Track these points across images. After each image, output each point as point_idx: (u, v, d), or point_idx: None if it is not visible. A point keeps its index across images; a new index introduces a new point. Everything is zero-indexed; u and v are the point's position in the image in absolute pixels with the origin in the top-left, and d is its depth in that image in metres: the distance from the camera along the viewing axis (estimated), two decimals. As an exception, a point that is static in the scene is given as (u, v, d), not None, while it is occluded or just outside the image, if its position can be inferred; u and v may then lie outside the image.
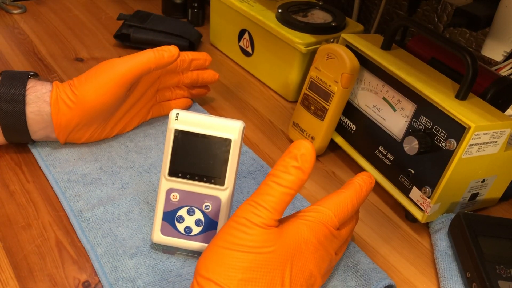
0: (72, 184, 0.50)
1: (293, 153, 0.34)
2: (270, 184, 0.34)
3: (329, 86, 0.55)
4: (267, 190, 0.34)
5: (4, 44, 0.75)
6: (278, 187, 0.34)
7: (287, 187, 0.34)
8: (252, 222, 0.33)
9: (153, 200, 0.50)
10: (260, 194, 0.34)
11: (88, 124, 0.52)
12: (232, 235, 0.33)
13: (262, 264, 0.33)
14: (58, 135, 0.52)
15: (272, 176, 0.34)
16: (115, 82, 0.49)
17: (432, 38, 0.50)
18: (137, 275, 0.42)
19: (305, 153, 0.34)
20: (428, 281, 0.46)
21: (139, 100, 0.57)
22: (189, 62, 0.59)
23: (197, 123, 0.41)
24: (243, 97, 0.70)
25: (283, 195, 0.34)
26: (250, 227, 0.33)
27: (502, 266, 0.42)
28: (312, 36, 0.65)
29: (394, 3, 0.78)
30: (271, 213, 0.34)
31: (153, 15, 0.80)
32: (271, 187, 0.34)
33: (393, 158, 0.52)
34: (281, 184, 0.34)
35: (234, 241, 0.33)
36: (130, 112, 0.57)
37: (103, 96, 0.50)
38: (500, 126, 0.45)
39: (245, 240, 0.33)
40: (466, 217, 0.47)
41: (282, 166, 0.34)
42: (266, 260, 0.33)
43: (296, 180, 0.34)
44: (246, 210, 0.34)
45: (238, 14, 0.72)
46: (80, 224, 0.46)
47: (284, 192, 0.34)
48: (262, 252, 0.33)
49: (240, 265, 0.32)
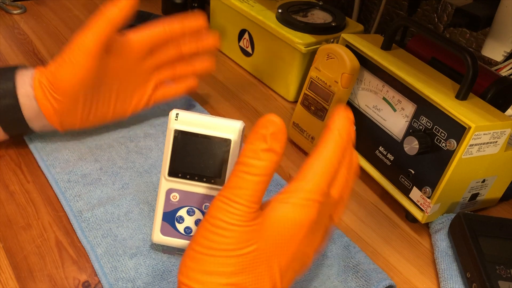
0: (72, 184, 0.50)
1: (260, 134, 0.30)
2: (240, 175, 0.30)
3: (329, 86, 0.55)
4: (239, 182, 0.30)
5: (4, 44, 0.75)
6: (250, 177, 0.30)
7: (260, 175, 0.30)
8: (228, 222, 0.30)
9: (153, 200, 0.50)
10: (232, 188, 0.30)
11: (74, 104, 0.50)
12: (208, 239, 0.30)
13: (246, 264, 0.30)
14: (50, 120, 0.50)
15: (242, 165, 0.30)
16: (84, 54, 0.48)
17: (432, 38, 0.50)
18: (137, 275, 0.42)
19: (274, 131, 0.30)
20: (428, 281, 0.46)
21: (129, 75, 0.53)
22: (181, 30, 0.55)
23: (197, 123, 0.41)
24: (243, 97, 0.70)
25: (257, 184, 0.30)
26: (226, 229, 0.30)
27: (502, 266, 0.42)
28: (312, 36, 0.65)
29: (394, 3, 0.78)
30: (247, 207, 0.30)
31: (153, 15, 0.80)
32: (242, 178, 0.30)
33: (393, 158, 0.52)
34: (252, 173, 0.30)
35: (212, 246, 0.30)
36: (123, 89, 0.53)
37: (78, 73, 0.48)
38: (500, 126, 0.45)
39: (223, 243, 0.30)
40: (466, 217, 0.47)
41: (251, 151, 0.30)
42: (249, 259, 0.30)
43: (269, 164, 0.30)
44: (220, 208, 0.30)
45: (238, 14, 0.72)
46: (80, 224, 0.46)
47: (258, 181, 0.30)
48: (244, 253, 0.30)
49: (222, 271, 0.30)
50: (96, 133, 0.58)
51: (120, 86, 0.54)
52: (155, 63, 0.56)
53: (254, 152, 0.30)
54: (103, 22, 0.47)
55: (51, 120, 0.51)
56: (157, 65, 0.56)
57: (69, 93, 0.49)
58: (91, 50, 0.48)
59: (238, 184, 0.30)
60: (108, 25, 0.48)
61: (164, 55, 0.56)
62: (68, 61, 0.48)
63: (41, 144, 0.55)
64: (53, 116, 0.50)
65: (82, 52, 0.48)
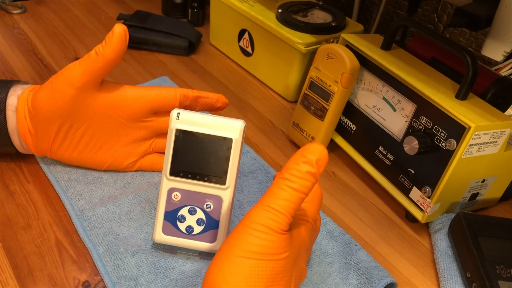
0: (73, 183, 0.50)
1: (308, 159, 0.33)
2: (285, 188, 0.33)
3: (329, 86, 0.55)
4: (283, 194, 0.33)
5: (4, 44, 0.75)
6: (294, 192, 0.33)
7: (302, 193, 0.33)
8: (271, 228, 0.32)
9: (155, 200, 0.50)
10: (275, 198, 0.33)
11: (48, 130, 0.48)
12: (250, 243, 0.32)
13: (280, 270, 0.33)
14: (24, 138, 0.49)
15: (287, 181, 0.33)
16: (66, 82, 0.46)
17: (432, 38, 0.50)
18: (139, 273, 0.42)
19: (320, 158, 0.33)
20: (428, 281, 0.46)
21: (121, 128, 0.50)
22: (194, 99, 0.51)
23: (198, 123, 0.41)
24: (243, 97, 0.70)
25: (299, 199, 0.33)
26: (269, 234, 0.32)
27: (502, 266, 0.42)
28: (312, 36, 0.65)
29: (394, 3, 0.78)
30: (287, 218, 0.33)
31: (153, 15, 0.80)
32: (287, 191, 0.33)
33: (393, 158, 0.52)
34: (297, 189, 0.33)
35: (254, 250, 0.32)
36: (111, 139, 0.50)
37: (55, 99, 0.46)
38: (500, 126, 0.45)
39: (266, 247, 0.32)
40: (466, 217, 0.47)
41: (297, 171, 0.33)
42: (282, 265, 0.33)
43: (311, 185, 0.34)
44: (262, 215, 0.33)
45: (238, 14, 0.72)
46: (82, 223, 0.46)
47: (300, 197, 0.33)
48: (280, 259, 0.33)
49: (262, 274, 0.32)
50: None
51: (109, 135, 0.50)
52: (154, 128, 0.51)
53: (300, 172, 0.33)
54: (93, 56, 0.46)
55: (25, 139, 0.49)
56: (156, 130, 0.51)
57: (42, 117, 0.47)
58: (73, 80, 0.46)
59: (281, 195, 0.33)
60: (98, 60, 0.46)
61: (164, 126, 0.51)
62: (49, 85, 0.47)
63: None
64: (27, 135, 0.48)
65: (64, 80, 0.47)
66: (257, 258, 0.32)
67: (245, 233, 0.32)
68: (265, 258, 0.32)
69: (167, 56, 0.77)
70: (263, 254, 0.32)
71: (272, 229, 0.32)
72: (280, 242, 0.33)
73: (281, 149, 0.61)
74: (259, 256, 0.32)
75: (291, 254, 0.34)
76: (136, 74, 0.72)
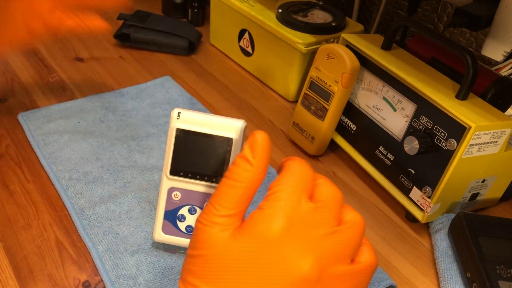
0: (73, 182, 0.50)
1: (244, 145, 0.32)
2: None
3: (329, 86, 0.55)
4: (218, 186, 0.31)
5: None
6: (224, 179, 0.31)
7: (230, 178, 0.31)
8: (198, 220, 0.31)
9: (155, 199, 0.50)
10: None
11: None
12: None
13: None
14: None
15: None
16: None
17: (432, 38, 0.50)
18: (139, 273, 0.42)
19: (252, 141, 0.31)
20: (428, 281, 0.46)
21: None
22: None
23: (199, 122, 0.41)
24: (243, 97, 0.70)
25: (228, 187, 0.31)
26: (196, 226, 0.32)
27: (502, 266, 0.42)
28: (312, 36, 0.65)
29: (394, 3, 0.78)
30: (214, 208, 0.31)
31: (153, 15, 0.80)
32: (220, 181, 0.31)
33: (393, 158, 0.52)
34: (226, 175, 0.31)
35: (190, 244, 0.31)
36: None
37: None
38: (500, 126, 0.45)
39: (191, 240, 0.32)
40: (466, 217, 0.47)
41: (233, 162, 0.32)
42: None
43: (239, 170, 0.31)
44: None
45: (238, 14, 0.72)
46: (82, 222, 0.46)
47: (229, 184, 0.31)
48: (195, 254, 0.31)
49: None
50: (98, 132, 0.58)
51: None
52: None
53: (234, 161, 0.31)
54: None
55: None
56: None
57: None
58: None
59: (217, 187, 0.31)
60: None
61: None
62: None
63: (43, 142, 0.55)
64: None
65: None
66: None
67: None
68: (189, 254, 0.30)
69: (167, 56, 0.77)
70: (190, 247, 0.30)
71: (199, 222, 0.30)
72: (199, 235, 0.30)
73: (281, 149, 0.61)
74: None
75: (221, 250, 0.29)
76: (136, 74, 0.72)
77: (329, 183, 0.32)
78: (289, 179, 0.30)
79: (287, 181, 0.30)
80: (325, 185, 0.32)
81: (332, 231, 0.30)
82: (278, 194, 0.30)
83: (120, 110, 0.62)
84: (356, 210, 0.32)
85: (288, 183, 0.30)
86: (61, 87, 0.67)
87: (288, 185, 0.30)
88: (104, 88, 0.67)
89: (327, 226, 0.30)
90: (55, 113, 0.60)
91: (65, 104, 0.62)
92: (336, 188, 0.32)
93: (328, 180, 0.33)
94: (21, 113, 0.60)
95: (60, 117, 0.59)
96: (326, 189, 0.31)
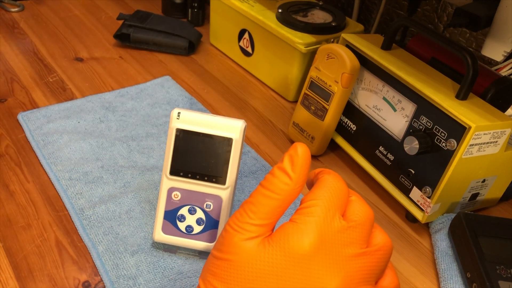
0: (73, 182, 0.50)
1: (284, 155, 0.31)
2: (256, 188, 0.31)
3: (329, 86, 0.55)
4: (252, 194, 0.31)
5: (4, 44, 0.75)
6: (259, 188, 0.31)
7: (267, 189, 0.31)
8: (229, 224, 0.31)
9: (155, 199, 0.50)
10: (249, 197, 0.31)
11: None
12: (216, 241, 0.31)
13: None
14: None
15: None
16: None
17: (432, 38, 0.50)
18: (138, 273, 0.42)
19: (292, 153, 0.31)
20: (428, 281, 0.46)
21: None
22: None
23: (199, 122, 0.41)
24: (243, 97, 0.70)
25: (264, 197, 0.31)
26: (225, 229, 0.31)
27: (502, 266, 0.42)
28: (312, 36, 0.65)
29: (394, 3, 0.78)
30: (249, 217, 0.31)
31: (153, 15, 0.80)
32: (255, 190, 0.31)
33: (393, 158, 0.52)
34: (262, 184, 0.31)
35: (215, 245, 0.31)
36: None
37: None
38: (500, 126, 0.45)
39: (217, 243, 0.31)
40: (466, 217, 0.47)
41: (270, 172, 0.31)
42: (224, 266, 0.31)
43: (277, 181, 0.30)
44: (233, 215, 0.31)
45: (238, 14, 0.72)
46: (82, 222, 0.46)
47: (265, 194, 0.31)
48: (223, 258, 0.31)
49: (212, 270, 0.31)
50: (98, 132, 0.58)
51: None
52: None
53: (271, 171, 0.31)
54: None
55: None
56: None
57: None
58: None
59: (251, 195, 0.31)
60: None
61: None
62: None
63: (43, 142, 0.55)
64: None
65: None
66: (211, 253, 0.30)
67: None
68: (215, 255, 0.30)
69: (167, 56, 0.77)
70: (216, 249, 0.30)
71: (229, 225, 0.30)
72: (228, 239, 0.29)
73: (281, 149, 0.61)
74: (213, 251, 0.30)
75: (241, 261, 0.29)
76: (136, 74, 0.72)
77: (362, 202, 0.32)
78: (324, 194, 0.30)
79: (322, 196, 0.30)
80: (358, 203, 0.31)
81: (362, 253, 0.30)
82: (312, 209, 0.29)
83: (120, 110, 0.62)
84: (385, 232, 0.32)
85: (323, 198, 0.30)
86: (61, 87, 0.67)
87: (323, 200, 0.30)
88: (104, 88, 0.67)
89: (357, 246, 0.30)
90: (55, 113, 0.60)
91: (65, 104, 0.62)
92: (368, 207, 0.32)
93: (360, 197, 0.32)
94: (21, 113, 0.60)
95: (60, 117, 0.59)
96: (359, 208, 0.31)
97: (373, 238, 0.31)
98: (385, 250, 0.31)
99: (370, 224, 0.31)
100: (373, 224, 0.32)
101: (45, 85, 0.67)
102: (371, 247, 0.30)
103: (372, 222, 0.32)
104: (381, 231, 0.32)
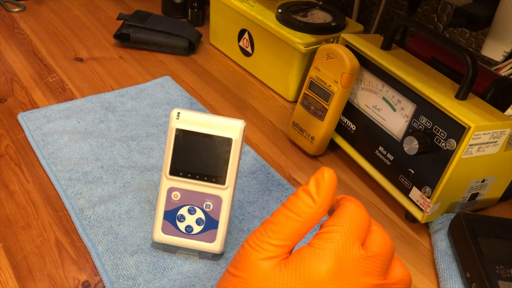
0: (73, 182, 0.50)
1: (310, 179, 0.31)
2: (279, 208, 0.31)
3: (329, 86, 0.55)
4: (274, 214, 0.31)
5: (4, 44, 0.75)
6: (282, 208, 0.31)
7: (291, 210, 0.30)
8: (247, 241, 0.31)
9: (154, 199, 0.50)
10: (270, 217, 0.31)
11: None
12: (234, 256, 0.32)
13: None
14: None
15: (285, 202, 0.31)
16: None
17: (432, 38, 0.50)
18: (138, 273, 0.42)
19: (319, 177, 0.30)
20: (428, 281, 0.46)
21: None
22: None
23: (198, 122, 0.41)
24: (243, 97, 0.70)
25: (287, 218, 0.31)
26: (242, 246, 0.31)
27: (502, 266, 0.42)
28: (312, 36, 0.65)
29: (394, 3, 0.78)
30: (268, 236, 0.31)
31: (153, 15, 0.80)
32: (278, 210, 0.31)
33: (393, 158, 0.52)
34: (286, 206, 0.31)
35: (231, 263, 0.31)
36: None
37: None
38: (500, 126, 0.45)
39: (234, 259, 0.31)
40: (466, 217, 0.47)
41: (294, 193, 0.31)
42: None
43: (302, 204, 0.30)
44: (252, 233, 0.31)
45: (238, 14, 0.72)
46: (81, 222, 0.46)
47: (288, 216, 0.31)
48: (237, 275, 0.31)
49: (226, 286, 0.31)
50: (98, 132, 0.58)
51: None
52: None
53: (296, 192, 0.30)
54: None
55: None
56: None
57: None
58: None
59: (273, 214, 0.30)
60: None
61: None
62: None
63: (43, 142, 0.55)
64: None
65: None
66: (228, 270, 0.30)
67: None
68: (230, 271, 0.30)
69: (167, 56, 0.77)
70: (231, 265, 0.30)
71: (248, 243, 0.30)
72: (245, 257, 0.29)
73: (281, 149, 0.61)
74: (229, 269, 0.30)
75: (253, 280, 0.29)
76: (136, 74, 0.72)
77: (383, 232, 0.32)
78: (345, 221, 0.30)
79: (343, 223, 0.30)
80: (379, 233, 0.31)
81: (379, 284, 0.29)
82: (332, 235, 0.29)
83: (119, 110, 0.62)
84: (405, 266, 0.31)
85: (344, 225, 0.29)
86: (60, 87, 0.67)
87: (343, 227, 0.29)
88: (104, 88, 0.67)
89: (375, 277, 0.29)
90: (55, 113, 0.60)
91: (65, 104, 0.62)
92: (389, 238, 0.31)
93: (381, 227, 0.32)
94: (21, 113, 0.60)
95: (59, 117, 0.59)
96: (380, 238, 0.31)
97: (392, 271, 0.31)
98: (403, 284, 0.30)
99: (390, 255, 0.30)
100: (393, 256, 0.31)
101: (45, 85, 0.67)
102: (389, 280, 0.30)
103: (392, 254, 0.31)
104: (401, 264, 0.31)
